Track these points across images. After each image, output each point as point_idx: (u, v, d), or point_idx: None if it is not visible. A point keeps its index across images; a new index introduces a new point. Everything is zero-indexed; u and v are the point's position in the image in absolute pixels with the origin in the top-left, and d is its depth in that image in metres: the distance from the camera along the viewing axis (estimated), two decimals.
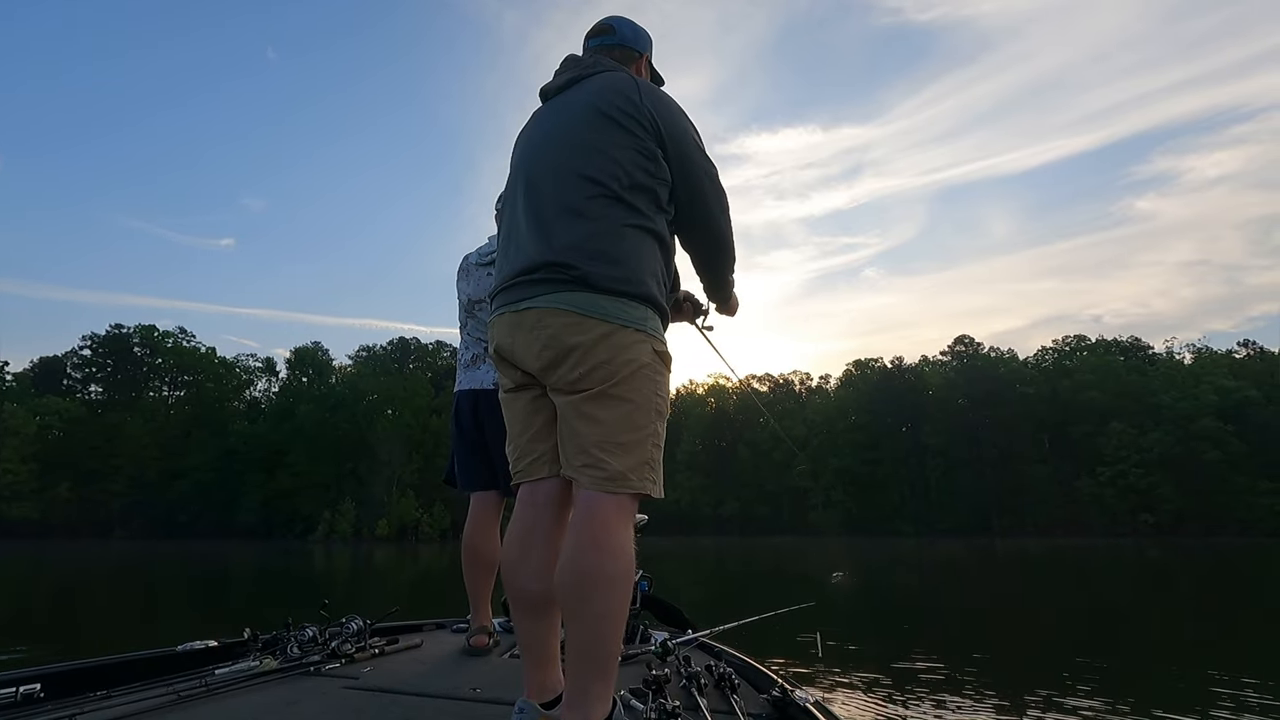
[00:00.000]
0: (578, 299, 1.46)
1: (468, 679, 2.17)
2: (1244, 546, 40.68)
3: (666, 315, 1.61)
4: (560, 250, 1.49)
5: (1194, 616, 9.97)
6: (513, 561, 1.60)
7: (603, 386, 1.46)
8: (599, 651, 1.37)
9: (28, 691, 1.82)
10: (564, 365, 1.47)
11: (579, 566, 1.38)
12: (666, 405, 1.56)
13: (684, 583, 14.49)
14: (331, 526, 60.98)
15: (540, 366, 1.51)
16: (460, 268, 3.02)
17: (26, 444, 61.00)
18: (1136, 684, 5.38)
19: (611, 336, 1.46)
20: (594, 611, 1.36)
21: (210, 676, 2.01)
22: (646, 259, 1.53)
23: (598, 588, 1.36)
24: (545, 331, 1.48)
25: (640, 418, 1.48)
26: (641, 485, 1.47)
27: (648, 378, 1.50)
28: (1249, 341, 76.27)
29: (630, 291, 1.48)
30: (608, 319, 1.46)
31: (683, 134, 1.61)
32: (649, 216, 1.56)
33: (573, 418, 1.49)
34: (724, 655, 2.60)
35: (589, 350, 1.45)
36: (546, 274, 1.49)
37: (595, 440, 1.46)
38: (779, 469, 76.20)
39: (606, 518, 1.43)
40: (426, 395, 70.61)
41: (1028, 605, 11.78)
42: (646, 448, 1.49)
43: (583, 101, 1.62)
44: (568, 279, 1.47)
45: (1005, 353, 78.96)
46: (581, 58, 1.77)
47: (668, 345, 1.60)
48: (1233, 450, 60.84)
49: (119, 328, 74.84)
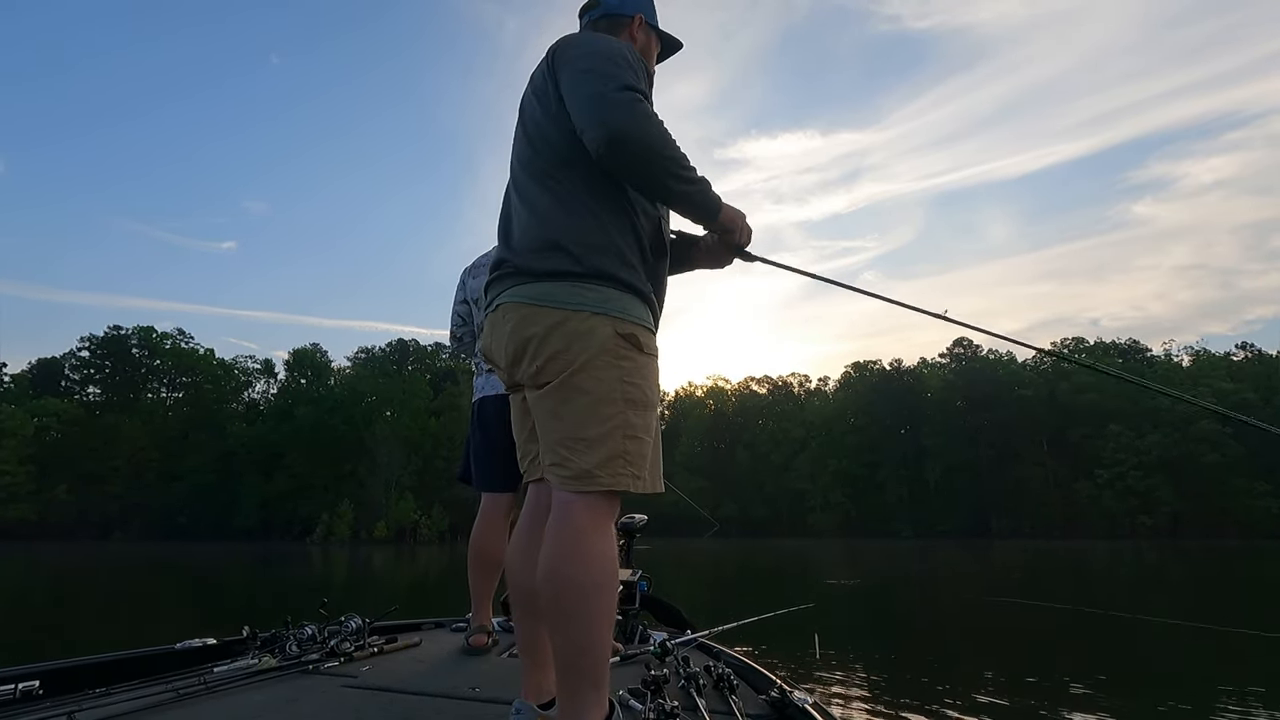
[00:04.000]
0: (530, 290, 1.42)
1: (466, 678, 2.17)
2: (1242, 549, 40.67)
3: (642, 292, 1.46)
4: (510, 248, 1.49)
5: (1194, 617, 9.96)
6: (514, 561, 1.59)
7: (560, 378, 1.38)
8: (584, 660, 1.32)
9: (26, 688, 1.82)
10: (524, 360, 1.43)
11: (555, 577, 1.32)
12: (642, 391, 1.42)
13: (682, 583, 14.47)
14: (330, 528, 60.81)
15: (506, 364, 1.49)
16: (480, 263, 3.03)
17: (24, 445, 60.74)
18: (1137, 684, 5.38)
19: (564, 324, 1.38)
20: (575, 622, 1.31)
21: (209, 674, 2.01)
22: (594, 235, 1.41)
23: (576, 598, 1.30)
24: (505, 327, 1.46)
25: (604, 408, 1.37)
26: (614, 481, 1.36)
27: (609, 364, 1.38)
28: (1247, 344, 76.32)
29: (579, 272, 1.39)
30: (559, 306, 1.39)
31: (563, 63, 1.45)
32: (587, 186, 1.44)
33: (539, 414, 1.44)
34: (723, 656, 2.61)
35: (543, 341, 1.39)
36: (500, 270, 1.50)
37: (559, 437, 1.39)
38: (777, 471, 76.16)
39: (579, 523, 1.35)
40: (425, 397, 70.50)
41: (1026, 607, 11.77)
42: (616, 440, 1.37)
43: None
44: (515, 271, 1.45)
45: (1004, 355, 78.97)
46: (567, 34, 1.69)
47: (646, 326, 1.46)
48: (1231, 453, 60.82)
49: (117, 329, 74.68)
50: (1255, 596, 13.38)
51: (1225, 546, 44.61)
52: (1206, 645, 7.38)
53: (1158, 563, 25.77)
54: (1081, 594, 13.73)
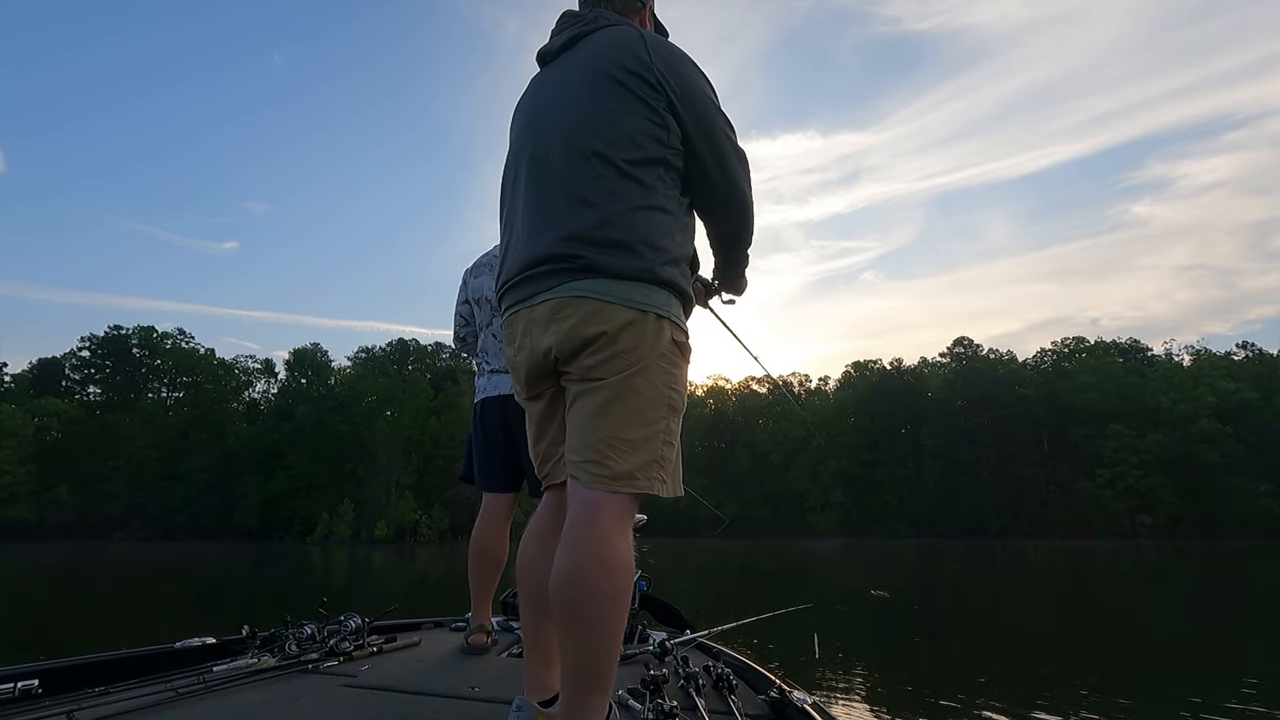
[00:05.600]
0: (598, 285, 1.36)
1: (466, 677, 2.17)
2: (1242, 548, 40.65)
3: (690, 301, 1.50)
4: (567, 240, 1.38)
5: (1193, 618, 9.96)
6: (529, 558, 1.55)
7: (617, 377, 1.36)
8: (596, 667, 1.31)
9: (26, 687, 1.82)
10: (582, 355, 1.38)
11: (577, 585, 1.30)
12: (681, 399, 1.45)
13: (682, 583, 14.47)
14: (330, 528, 60.81)
15: (557, 356, 1.41)
16: (482, 263, 2.99)
17: (25, 445, 60.79)
18: (1136, 685, 5.37)
19: (635, 324, 1.36)
20: (592, 630, 1.30)
21: (208, 673, 2.01)
22: (665, 240, 1.41)
23: (597, 607, 1.29)
24: (565, 323, 1.37)
25: (652, 412, 1.39)
26: (648, 485, 1.38)
27: (664, 369, 1.40)
28: (1248, 344, 76.30)
29: (650, 277, 1.38)
30: (632, 305, 1.36)
31: (698, 93, 1.46)
32: (664, 192, 1.43)
33: (582, 410, 1.41)
34: (722, 656, 2.60)
35: (611, 339, 1.35)
36: (553, 265, 1.39)
37: (604, 435, 1.36)
38: (778, 471, 76.14)
39: (606, 526, 1.33)
40: (425, 397, 70.51)
41: (1026, 607, 11.77)
42: (656, 444, 1.39)
43: (585, 64, 1.48)
44: (577, 269, 1.37)
45: (1004, 355, 78.95)
46: (580, 12, 1.62)
47: (688, 335, 1.49)
48: (1231, 452, 60.77)
49: (118, 329, 74.67)
50: (1255, 597, 13.37)
51: (1225, 546, 44.58)
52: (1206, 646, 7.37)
53: (1158, 562, 25.75)
54: (1082, 593, 13.72)
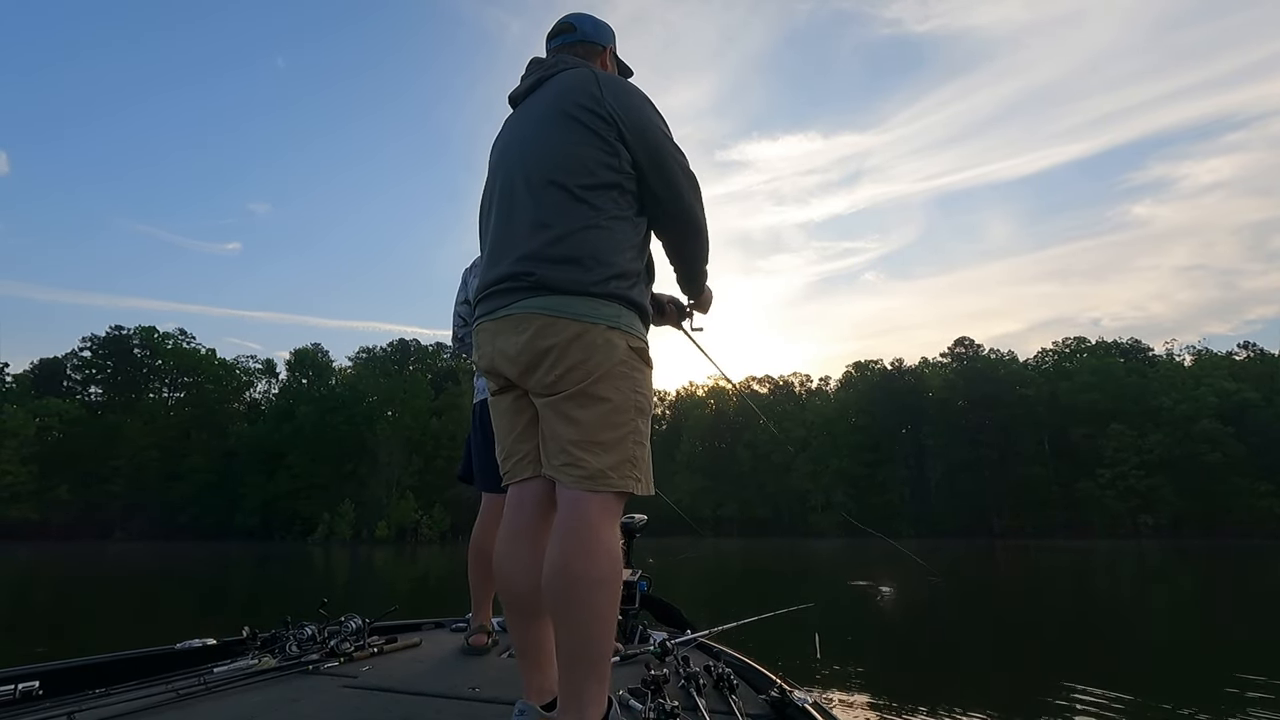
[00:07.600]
0: (548, 302, 1.47)
1: (466, 678, 2.17)
2: (1244, 548, 40.62)
3: (645, 312, 1.60)
4: (523, 259, 1.50)
5: (1195, 618, 9.96)
6: (501, 561, 1.60)
7: (579, 386, 1.46)
8: (590, 653, 1.37)
9: (26, 689, 1.82)
10: (540, 368, 1.48)
11: (565, 571, 1.38)
12: (648, 402, 1.56)
13: (682, 583, 14.46)
14: (331, 528, 60.84)
15: (517, 371, 1.52)
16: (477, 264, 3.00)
17: (26, 445, 60.85)
18: (1137, 685, 5.36)
19: (584, 336, 1.46)
20: (583, 615, 1.36)
21: (209, 675, 2.01)
22: (614, 256, 1.52)
23: (585, 591, 1.36)
24: (523, 336, 1.49)
25: (618, 416, 1.49)
26: (624, 483, 1.47)
27: (624, 375, 1.50)
28: (1249, 344, 76.11)
29: (598, 291, 1.48)
30: (579, 319, 1.46)
31: (647, 123, 1.59)
32: (615, 213, 1.55)
33: (552, 419, 1.50)
34: (723, 655, 2.60)
35: (563, 351, 1.46)
36: (511, 283, 1.51)
37: (574, 440, 1.46)
38: (779, 471, 76.08)
39: (590, 518, 1.42)
40: (426, 397, 70.52)
41: (1028, 606, 11.76)
42: (627, 445, 1.49)
43: (546, 103, 1.62)
44: (530, 285, 1.49)
45: (1005, 355, 78.83)
46: (544, 59, 1.76)
47: (646, 342, 1.59)
48: (1233, 452, 60.66)
49: (119, 329, 74.71)
50: (1257, 597, 13.37)
51: (1227, 546, 44.55)
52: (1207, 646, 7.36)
53: (1160, 562, 25.73)
54: (1083, 593, 13.72)
